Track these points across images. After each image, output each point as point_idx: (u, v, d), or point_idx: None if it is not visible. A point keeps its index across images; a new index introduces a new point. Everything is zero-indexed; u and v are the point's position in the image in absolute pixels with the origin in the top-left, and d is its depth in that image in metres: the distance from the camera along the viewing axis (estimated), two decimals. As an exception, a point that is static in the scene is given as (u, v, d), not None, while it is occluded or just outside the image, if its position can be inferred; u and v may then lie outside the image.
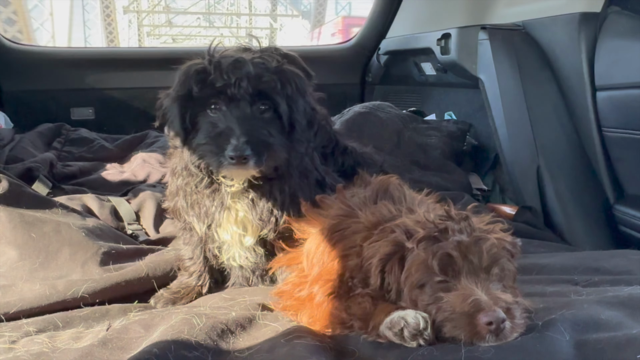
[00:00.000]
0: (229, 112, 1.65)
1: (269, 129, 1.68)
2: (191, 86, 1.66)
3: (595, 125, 2.75)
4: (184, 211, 1.93)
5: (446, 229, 1.44)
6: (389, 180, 1.92)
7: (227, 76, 1.63)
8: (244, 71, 1.64)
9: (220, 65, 1.65)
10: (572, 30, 2.77)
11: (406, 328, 1.36)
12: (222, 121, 1.64)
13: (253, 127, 1.64)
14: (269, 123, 1.70)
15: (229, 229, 1.89)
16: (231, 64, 1.65)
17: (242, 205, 1.85)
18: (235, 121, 1.62)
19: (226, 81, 1.63)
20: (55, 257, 2.07)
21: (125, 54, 4.93)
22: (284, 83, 1.70)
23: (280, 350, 1.40)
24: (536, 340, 1.27)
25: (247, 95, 1.65)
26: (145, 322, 1.62)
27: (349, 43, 5.16)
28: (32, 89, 4.50)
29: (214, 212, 1.86)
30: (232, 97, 1.64)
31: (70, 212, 2.41)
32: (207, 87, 1.65)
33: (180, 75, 1.72)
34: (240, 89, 1.63)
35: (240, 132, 1.60)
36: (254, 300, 1.82)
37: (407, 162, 3.50)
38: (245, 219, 1.87)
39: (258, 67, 1.67)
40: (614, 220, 2.75)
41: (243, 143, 1.58)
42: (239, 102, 1.65)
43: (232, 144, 1.58)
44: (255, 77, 1.65)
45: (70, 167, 3.59)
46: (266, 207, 1.85)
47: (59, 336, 1.61)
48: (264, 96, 1.68)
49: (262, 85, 1.66)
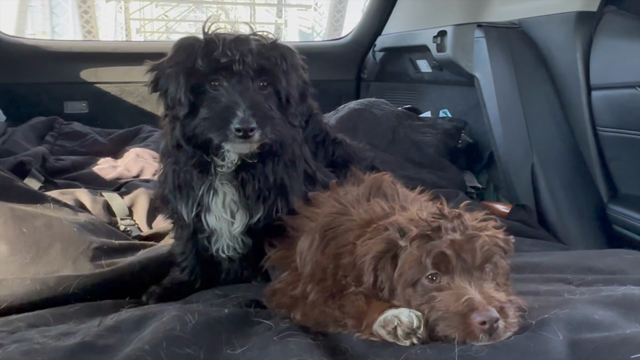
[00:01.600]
0: (232, 87, 1.68)
1: (270, 104, 1.72)
2: (196, 59, 1.68)
3: (589, 125, 2.76)
4: (171, 194, 1.91)
5: (439, 227, 1.44)
6: (382, 177, 1.91)
7: (231, 52, 1.66)
8: (247, 47, 1.67)
9: (225, 40, 1.68)
10: (568, 29, 2.78)
11: (399, 327, 1.35)
12: (226, 96, 1.66)
13: (257, 101, 1.67)
14: (269, 98, 1.74)
15: (217, 214, 1.88)
16: (233, 40, 1.68)
17: (231, 188, 1.85)
18: (239, 95, 1.65)
19: (231, 57, 1.65)
20: (46, 252, 2.05)
21: (120, 47, 4.90)
22: (280, 59, 1.74)
23: (273, 347, 1.39)
24: (530, 340, 1.27)
25: (251, 71, 1.68)
26: (137, 318, 1.60)
27: (344, 39, 5.15)
28: (25, 82, 4.46)
29: (202, 195, 1.85)
30: (235, 72, 1.67)
31: (62, 206, 2.39)
32: (212, 61, 1.67)
33: (179, 48, 1.74)
34: (245, 65, 1.66)
35: (246, 106, 1.62)
36: (247, 297, 1.81)
37: (402, 159, 3.50)
38: (232, 203, 1.87)
39: (258, 43, 1.71)
40: (607, 219, 2.76)
41: (249, 116, 1.61)
42: (242, 78, 1.68)
43: (238, 116, 1.61)
44: (258, 53, 1.69)
45: (62, 161, 3.57)
46: (253, 190, 1.86)
47: (49, 332, 1.59)
48: (264, 72, 1.71)
49: (264, 62, 1.70)
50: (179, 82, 1.70)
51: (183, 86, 1.69)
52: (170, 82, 1.73)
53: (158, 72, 1.78)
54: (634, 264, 1.92)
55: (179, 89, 1.70)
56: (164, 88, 1.76)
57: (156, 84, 1.79)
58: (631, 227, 2.58)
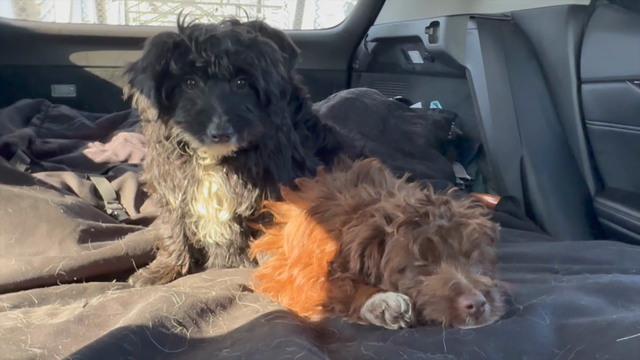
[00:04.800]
0: (208, 89, 1.63)
1: (247, 104, 1.68)
2: (169, 62, 1.64)
3: (579, 118, 2.77)
4: (156, 181, 1.91)
5: (427, 213, 1.44)
6: (370, 163, 1.92)
7: (205, 54, 1.61)
8: (222, 48, 1.62)
9: (197, 40, 1.63)
10: (560, 22, 2.78)
11: (387, 311, 1.36)
12: (201, 98, 1.63)
13: (233, 104, 1.63)
14: (246, 98, 1.70)
15: (204, 202, 1.87)
16: (207, 40, 1.63)
17: (217, 179, 1.84)
18: (215, 99, 1.61)
19: (205, 59, 1.61)
20: (32, 233, 2.03)
21: (108, 31, 4.83)
22: (259, 57, 1.70)
23: (261, 329, 1.38)
24: (517, 324, 1.28)
25: (227, 72, 1.64)
26: (123, 299, 1.60)
27: (336, 29, 5.12)
28: (12, 63, 4.39)
29: (186, 185, 1.85)
30: (209, 74, 1.63)
31: (48, 188, 2.37)
32: (185, 64, 1.63)
33: (151, 48, 1.68)
34: (220, 67, 1.62)
35: (222, 110, 1.59)
36: (235, 281, 1.81)
37: (392, 149, 3.50)
38: (219, 192, 1.86)
39: (234, 42, 1.66)
40: (594, 212, 2.77)
41: (225, 122, 1.58)
42: (218, 80, 1.64)
43: (214, 122, 1.58)
44: (234, 54, 1.64)
45: (49, 144, 3.53)
46: (240, 180, 1.85)
47: (34, 312, 1.58)
48: (242, 72, 1.67)
49: (240, 62, 1.65)
50: (149, 87, 1.67)
51: (153, 92, 1.66)
52: (142, 86, 1.69)
53: (132, 74, 1.74)
54: (619, 255, 1.94)
55: (149, 95, 1.67)
56: (137, 91, 1.73)
57: (131, 86, 1.75)
58: (617, 220, 2.60)
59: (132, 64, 1.76)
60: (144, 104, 1.70)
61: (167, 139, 1.75)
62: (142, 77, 1.69)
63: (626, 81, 2.41)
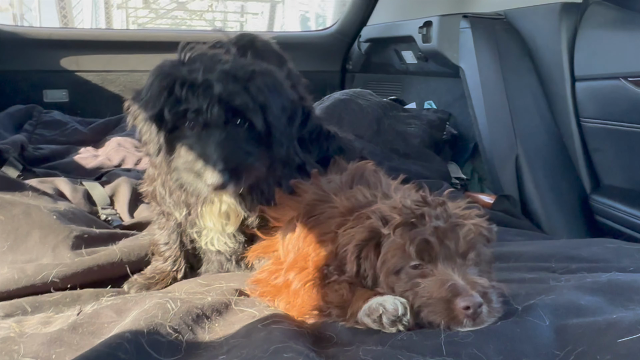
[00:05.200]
0: (205, 135, 1.60)
1: (245, 146, 1.64)
2: (162, 107, 1.61)
3: (573, 116, 2.77)
4: (160, 198, 1.89)
5: (423, 214, 1.43)
6: (365, 166, 1.91)
7: (197, 101, 1.57)
8: (214, 94, 1.58)
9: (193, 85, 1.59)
10: (553, 21, 2.78)
11: (385, 314, 1.34)
12: (197, 146, 1.60)
13: (229, 151, 1.59)
14: (245, 137, 1.65)
15: (211, 218, 1.86)
16: (201, 85, 1.58)
17: (228, 199, 1.82)
18: (211, 147, 1.58)
19: (197, 107, 1.58)
20: (24, 240, 2.00)
21: (101, 36, 4.81)
22: (257, 93, 1.64)
23: (257, 335, 1.37)
24: (516, 325, 1.27)
25: (220, 119, 1.60)
26: (117, 306, 1.57)
27: (329, 30, 5.12)
28: (3, 69, 4.36)
29: (195, 203, 1.83)
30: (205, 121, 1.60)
31: (41, 195, 2.34)
32: (179, 112, 1.61)
33: (154, 81, 1.65)
34: (212, 115, 1.58)
35: (217, 159, 1.56)
36: (231, 286, 1.79)
37: (387, 150, 3.49)
38: (230, 210, 1.84)
39: (229, 82, 1.61)
40: (590, 210, 2.78)
41: (220, 171, 1.55)
42: (212, 127, 1.60)
43: (208, 172, 1.56)
44: (228, 97, 1.59)
45: (41, 150, 3.50)
46: (254, 200, 1.84)
47: (27, 321, 1.56)
48: (238, 113, 1.63)
49: (236, 104, 1.61)
50: (149, 131, 1.66)
51: (153, 132, 1.65)
52: (143, 124, 1.68)
53: (136, 106, 1.72)
54: (617, 253, 1.93)
55: (150, 139, 1.67)
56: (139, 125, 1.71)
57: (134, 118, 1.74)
58: (613, 218, 2.60)
59: (136, 94, 1.73)
60: (145, 137, 1.69)
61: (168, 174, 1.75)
62: (144, 117, 1.67)
63: (620, 78, 2.41)
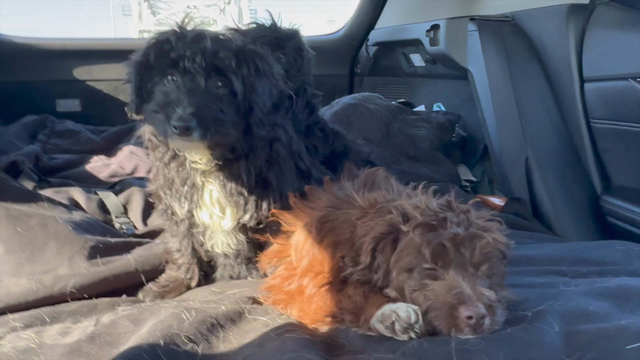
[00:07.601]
0: (182, 84, 1.65)
1: (221, 106, 1.67)
2: (149, 54, 1.68)
3: (583, 117, 2.76)
4: (161, 191, 1.92)
5: (445, 219, 1.44)
6: (376, 172, 1.92)
7: (183, 49, 1.64)
8: (201, 46, 1.65)
9: (183, 37, 1.66)
10: (561, 22, 2.78)
11: (397, 321, 1.36)
12: (174, 91, 1.64)
13: (203, 100, 1.62)
14: (224, 100, 1.69)
15: (207, 210, 1.88)
16: (192, 38, 1.66)
17: (214, 185, 1.86)
18: (186, 92, 1.61)
19: (182, 53, 1.64)
20: (41, 251, 2.04)
21: (111, 45, 4.87)
22: (242, 62, 1.70)
23: (271, 344, 1.39)
24: (525, 332, 1.28)
25: (201, 69, 1.65)
26: (133, 316, 1.61)
27: (337, 34, 5.13)
28: (16, 80, 4.43)
29: (187, 191, 1.86)
30: (186, 70, 1.65)
31: (56, 205, 2.38)
32: (164, 57, 1.66)
33: (148, 43, 1.74)
34: (194, 63, 1.64)
35: (187, 103, 1.58)
36: (244, 293, 1.81)
37: (396, 154, 3.50)
38: (220, 199, 1.87)
39: (217, 43, 1.68)
40: (601, 211, 2.77)
41: (188, 114, 1.57)
42: (193, 76, 1.65)
43: (177, 113, 1.57)
44: (211, 53, 1.65)
45: (56, 160, 3.55)
46: (235, 187, 1.85)
47: (46, 331, 1.59)
48: (219, 72, 1.67)
49: (216, 61, 1.66)
50: (133, 79, 1.72)
51: (134, 82, 1.71)
52: (130, 78, 1.74)
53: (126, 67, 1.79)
54: (627, 255, 1.93)
55: (131, 84, 1.73)
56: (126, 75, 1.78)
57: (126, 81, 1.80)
58: (624, 219, 2.59)
59: (129, 59, 1.80)
60: (129, 96, 1.74)
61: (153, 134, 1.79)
62: (130, 70, 1.74)
63: (629, 79, 2.41)
